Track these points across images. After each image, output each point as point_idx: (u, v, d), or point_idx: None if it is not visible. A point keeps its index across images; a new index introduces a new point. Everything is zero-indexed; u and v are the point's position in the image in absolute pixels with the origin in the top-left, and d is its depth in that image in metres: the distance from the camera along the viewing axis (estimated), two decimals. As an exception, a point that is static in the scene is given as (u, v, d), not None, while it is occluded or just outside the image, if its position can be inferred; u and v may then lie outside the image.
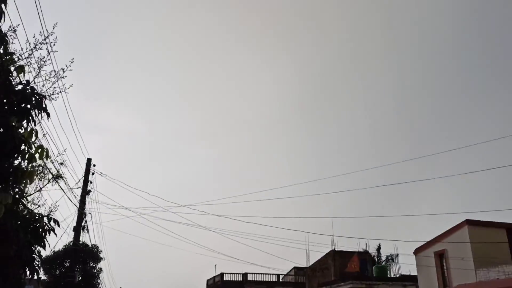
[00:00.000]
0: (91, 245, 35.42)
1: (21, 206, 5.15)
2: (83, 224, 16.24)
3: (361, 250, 31.53)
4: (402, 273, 29.41)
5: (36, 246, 5.03)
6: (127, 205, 18.57)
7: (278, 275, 51.54)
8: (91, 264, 36.77)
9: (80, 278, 35.51)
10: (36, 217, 5.02)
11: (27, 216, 5.10)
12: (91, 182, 16.89)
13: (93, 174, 17.12)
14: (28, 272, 5.22)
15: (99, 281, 37.20)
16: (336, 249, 32.63)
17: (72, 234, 16.10)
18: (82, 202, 16.31)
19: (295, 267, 55.18)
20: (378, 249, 34.07)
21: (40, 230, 4.89)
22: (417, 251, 23.73)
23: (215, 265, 57.13)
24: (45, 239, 5.04)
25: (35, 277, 9.52)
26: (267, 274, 50.87)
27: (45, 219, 4.89)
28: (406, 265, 31.74)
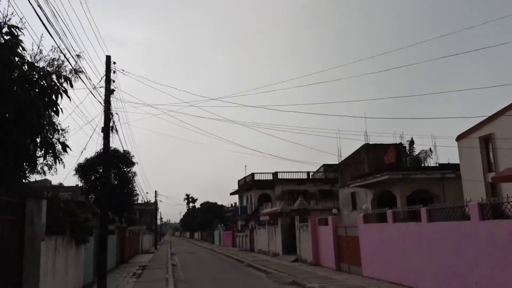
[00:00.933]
0: (123, 150, 35.95)
1: (17, 58, 3.99)
2: (111, 124, 15.43)
3: (396, 143, 30.63)
4: (440, 163, 28.61)
5: (49, 112, 3.99)
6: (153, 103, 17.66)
7: (308, 173, 52.08)
8: (125, 169, 37.63)
9: (115, 182, 36.46)
10: (41, 73, 3.89)
11: (26, 70, 3.97)
12: (113, 81, 15.78)
13: (114, 72, 15.93)
14: (41, 149, 4.21)
15: (134, 184, 38.43)
16: (370, 143, 31.80)
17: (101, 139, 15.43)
18: (107, 101, 15.35)
19: (324, 164, 55.53)
20: (411, 143, 33.12)
21: (49, 90, 3.80)
22: (460, 137, 22.56)
23: (245, 166, 58.63)
24: (57, 104, 3.94)
25: (57, 163, 8.67)
26: (297, 172, 51.43)
27: (54, 77, 3.78)
28: (442, 156, 30.94)
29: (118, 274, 20.60)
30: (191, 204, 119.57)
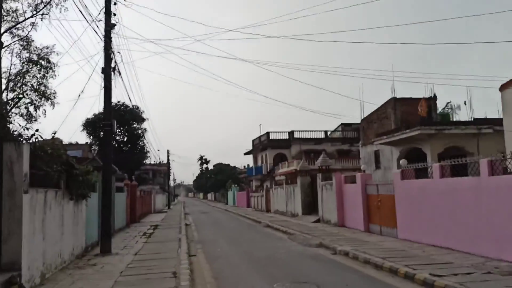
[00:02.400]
0: (132, 105, 34.12)
1: None
2: (112, 65, 13.35)
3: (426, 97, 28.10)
4: (475, 117, 26.16)
5: None
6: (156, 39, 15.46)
7: (325, 132, 49.96)
8: (135, 125, 35.95)
9: (125, 139, 34.89)
10: None
11: None
12: (114, 14, 13.57)
13: (115, 4, 13.70)
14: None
15: (144, 141, 36.82)
16: (397, 97, 29.34)
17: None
18: (108, 38, 13.21)
19: (342, 124, 53.23)
20: (434, 98, 30.52)
21: None
22: (504, 86, 20.03)
23: (260, 125, 56.43)
24: None
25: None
26: (314, 131, 49.34)
27: None
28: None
29: (127, 234, 19.12)
30: (204, 166, 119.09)
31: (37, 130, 8.76)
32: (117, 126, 34.75)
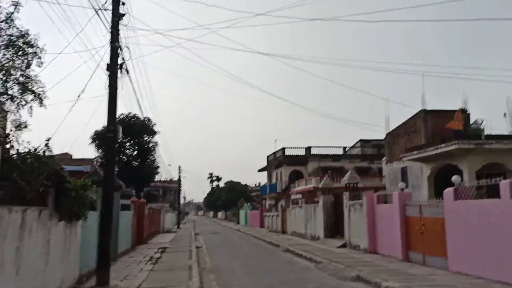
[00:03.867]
0: (144, 117, 32.33)
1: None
2: (119, 62, 11.43)
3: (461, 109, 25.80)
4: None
5: None
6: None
7: (344, 148, 47.72)
8: (145, 138, 34.08)
9: (135, 153, 32.98)
10: None
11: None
12: (123, 3, 11.70)
13: (124, -9, 11.85)
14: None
15: (155, 156, 34.89)
16: (427, 109, 27.11)
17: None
18: (115, 29, 11.31)
19: (360, 140, 50.96)
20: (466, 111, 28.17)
21: None
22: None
23: (275, 140, 54.38)
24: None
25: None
26: (332, 147, 47.17)
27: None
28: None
29: (131, 258, 16.96)
30: (215, 183, 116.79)
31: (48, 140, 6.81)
32: (127, 139, 33.18)
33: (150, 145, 33.35)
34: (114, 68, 11.29)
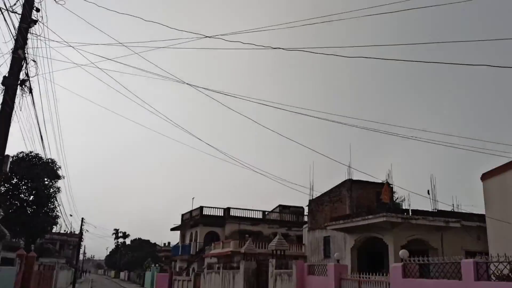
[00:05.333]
0: (47, 159, 28.44)
1: None
2: (21, 76, 9.11)
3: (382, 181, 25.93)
4: (439, 209, 24.05)
5: None
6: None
7: (263, 212, 46.42)
8: (46, 182, 29.91)
9: (31, 198, 28.63)
10: None
11: None
12: (38, 10, 9.60)
13: (41, -4, 9.79)
14: None
15: (56, 203, 30.59)
16: (353, 179, 26.91)
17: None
18: (21, 36, 9.08)
19: (280, 205, 50.18)
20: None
21: None
22: (486, 176, 18.13)
23: (193, 198, 51.52)
24: None
25: None
26: (252, 210, 45.68)
27: None
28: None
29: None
30: (120, 240, 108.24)
31: None
32: (24, 181, 28.89)
33: (51, 190, 29.18)
34: (13, 82, 8.93)
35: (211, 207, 45.00)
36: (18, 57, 9.01)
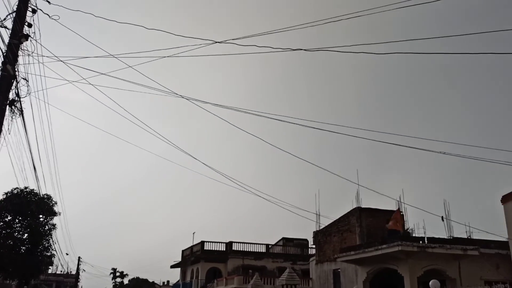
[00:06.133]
0: (43, 194, 27.33)
1: None
2: (11, 96, 8.30)
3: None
4: (455, 235, 22.89)
5: None
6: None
7: (267, 246, 44.88)
8: (41, 219, 28.64)
9: (25, 236, 27.34)
10: None
11: None
12: (30, 25, 8.90)
13: (34, 12, 9.10)
14: None
15: (50, 241, 29.18)
16: (362, 207, 25.86)
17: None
18: (12, 52, 8.33)
19: (283, 238, 48.74)
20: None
21: None
22: (507, 198, 17.14)
23: (194, 233, 49.80)
24: None
25: None
26: (254, 243, 44.17)
27: None
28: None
29: None
30: (118, 279, 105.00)
31: None
32: (18, 218, 27.66)
33: (46, 227, 27.87)
34: (1, 101, 8.10)
35: (212, 242, 43.49)
36: (7, 74, 8.22)
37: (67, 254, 67.08)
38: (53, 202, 27.91)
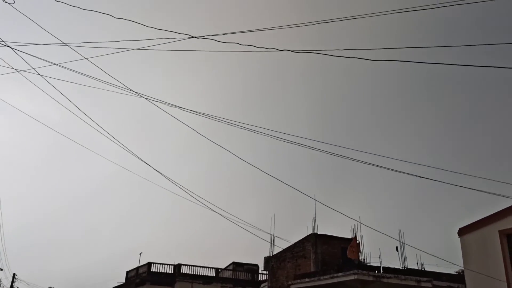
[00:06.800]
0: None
1: None
2: None
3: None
4: (408, 266, 22.80)
5: None
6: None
7: (217, 270, 43.45)
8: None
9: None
10: None
11: None
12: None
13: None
14: None
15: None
16: (318, 233, 25.44)
17: None
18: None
19: (234, 262, 47.39)
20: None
21: None
22: (464, 231, 17.16)
23: (140, 253, 47.40)
24: None
25: None
26: (204, 267, 42.65)
27: None
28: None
29: None
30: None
31: None
32: None
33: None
34: None
35: (160, 263, 41.50)
36: None
37: (1, 269, 61.92)
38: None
